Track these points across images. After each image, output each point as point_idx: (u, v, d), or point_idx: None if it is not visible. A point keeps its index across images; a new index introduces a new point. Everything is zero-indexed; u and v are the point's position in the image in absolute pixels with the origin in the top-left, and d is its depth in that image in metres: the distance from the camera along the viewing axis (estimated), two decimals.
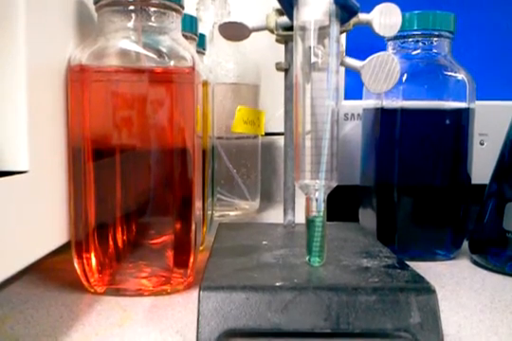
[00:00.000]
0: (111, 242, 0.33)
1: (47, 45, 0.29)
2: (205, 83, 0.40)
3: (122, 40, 0.32)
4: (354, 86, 0.48)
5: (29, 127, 0.27)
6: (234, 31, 0.39)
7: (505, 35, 0.54)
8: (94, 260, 0.33)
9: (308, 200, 0.30)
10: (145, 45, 0.32)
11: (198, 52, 0.46)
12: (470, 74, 0.42)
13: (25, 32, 0.26)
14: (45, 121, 0.29)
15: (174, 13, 0.33)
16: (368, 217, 0.46)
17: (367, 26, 0.33)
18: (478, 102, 0.43)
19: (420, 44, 0.43)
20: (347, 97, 0.52)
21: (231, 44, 0.51)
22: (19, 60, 0.26)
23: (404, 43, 0.43)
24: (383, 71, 0.32)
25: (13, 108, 0.26)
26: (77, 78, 0.32)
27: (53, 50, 0.30)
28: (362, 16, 0.33)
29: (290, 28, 0.36)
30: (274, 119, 0.63)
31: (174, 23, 0.34)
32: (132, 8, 0.32)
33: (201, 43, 0.47)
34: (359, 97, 0.47)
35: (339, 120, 0.31)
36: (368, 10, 0.33)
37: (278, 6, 0.35)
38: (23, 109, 0.26)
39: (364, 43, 0.41)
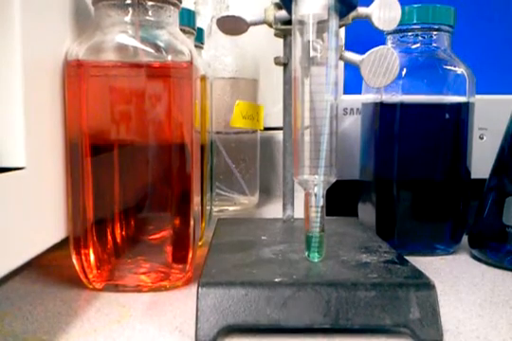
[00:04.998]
0: (109, 238, 0.33)
1: (44, 40, 0.29)
2: (203, 78, 0.40)
3: (119, 34, 0.32)
4: (353, 81, 0.48)
5: (26, 123, 0.27)
6: (232, 25, 0.39)
7: (505, 29, 0.54)
8: (92, 256, 0.32)
9: (307, 195, 0.30)
10: (142, 40, 0.32)
11: (196, 46, 0.46)
12: (470, 68, 0.42)
13: (21, 27, 0.26)
14: (42, 117, 0.29)
15: (172, 7, 0.33)
16: (367, 212, 0.46)
17: (366, 20, 0.33)
18: (478, 96, 0.43)
19: (420, 37, 0.42)
20: (346, 91, 0.52)
21: (230, 38, 0.51)
22: (15, 55, 0.26)
23: (403, 37, 0.43)
24: (382, 65, 0.32)
25: (10, 104, 0.26)
26: (74, 73, 0.31)
27: (50, 45, 0.30)
28: (361, 10, 0.33)
29: (289, 22, 0.36)
30: (273, 114, 0.62)
31: (172, 17, 0.33)
32: (129, 2, 0.32)
33: (199, 37, 0.47)
34: (359, 91, 0.47)
35: (338, 115, 0.31)
36: (367, 4, 0.33)
37: None
38: (19, 105, 0.26)
39: (363, 37, 0.41)
